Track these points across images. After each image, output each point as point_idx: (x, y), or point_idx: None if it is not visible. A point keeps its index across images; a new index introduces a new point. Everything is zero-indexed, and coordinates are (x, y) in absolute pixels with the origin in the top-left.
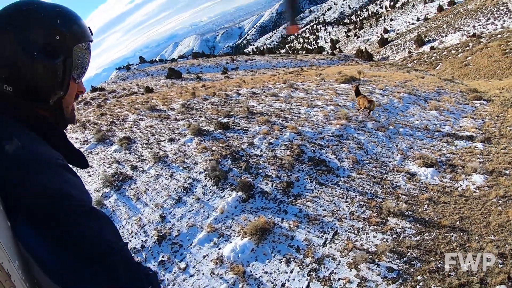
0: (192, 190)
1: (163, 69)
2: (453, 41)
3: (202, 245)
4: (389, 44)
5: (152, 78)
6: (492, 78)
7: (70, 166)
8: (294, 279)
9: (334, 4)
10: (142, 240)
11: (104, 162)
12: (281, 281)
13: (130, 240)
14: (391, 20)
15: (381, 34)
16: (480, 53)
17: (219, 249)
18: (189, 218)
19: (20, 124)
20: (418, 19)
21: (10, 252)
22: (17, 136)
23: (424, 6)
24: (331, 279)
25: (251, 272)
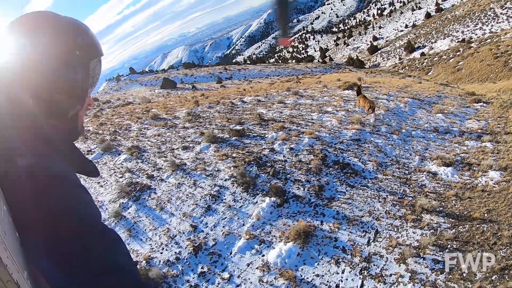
0: (221, 198)
1: (156, 79)
2: (443, 46)
3: (244, 253)
4: (379, 51)
5: (146, 88)
6: (486, 82)
7: (79, 177)
8: (347, 279)
9: (322, 13)
10: (175, 252)
11: (115, 172)
12: (335, 282)
13: (161, 253)
14: (380, 27)
15: (370, 41)
16: (471, 57)
17: (263, 255)
18: (223, 226)
19: (34, 136)
20: (406, 26)
21: (19, 263)
22: (31, 150)
23: (412, 13)
24: (383, 275)
25: (301, 276)
